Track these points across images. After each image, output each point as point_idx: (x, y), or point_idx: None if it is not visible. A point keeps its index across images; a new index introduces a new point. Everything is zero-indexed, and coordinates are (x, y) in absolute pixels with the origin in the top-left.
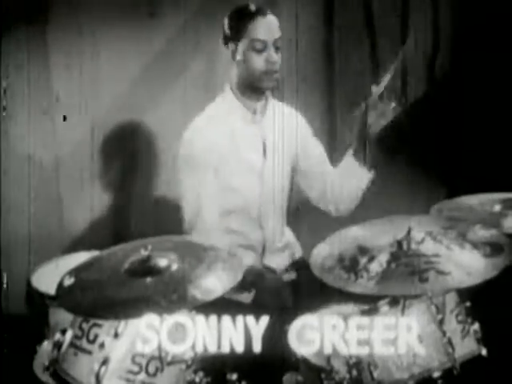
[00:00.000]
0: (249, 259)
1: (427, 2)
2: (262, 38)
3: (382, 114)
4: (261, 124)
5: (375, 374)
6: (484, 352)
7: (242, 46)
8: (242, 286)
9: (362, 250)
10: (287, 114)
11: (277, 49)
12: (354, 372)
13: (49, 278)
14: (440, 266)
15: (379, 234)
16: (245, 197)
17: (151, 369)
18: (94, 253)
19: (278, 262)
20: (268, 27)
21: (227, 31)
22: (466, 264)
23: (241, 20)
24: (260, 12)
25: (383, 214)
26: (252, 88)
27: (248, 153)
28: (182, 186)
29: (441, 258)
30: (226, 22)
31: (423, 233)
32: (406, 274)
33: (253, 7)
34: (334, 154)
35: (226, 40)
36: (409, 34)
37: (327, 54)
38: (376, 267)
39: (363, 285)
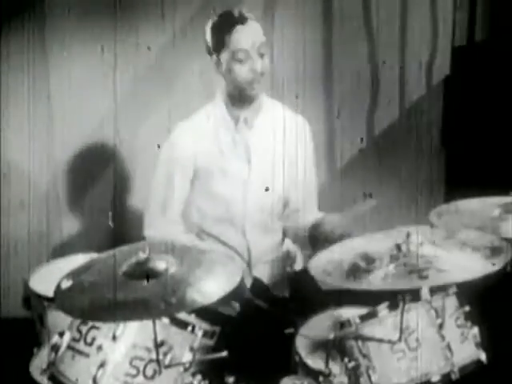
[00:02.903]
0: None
1: (426, 4)
2: (243, 47)
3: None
4: (248, 132)
5: (373, 378)
6: (483, 357)
7: (224, 56)
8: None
9: (363, 258)
10: (286, 118)
11: (261, 55)
12: (353, 376)
13: (46, 280)
14: (439, 265)
15: (379, 243)
16: (228, 205)
17: (149, 372)
18: (92, 255)
19: (269, 273)
20: (248, 35)
21: (209, 42)
22: (464, 263)
23: (220, 30)
24: (239, 20)
25: (381, 219)
26: (240, 97)
27: (231, 161)
28: (154, 182)
29: (440, 258)
30: (207, 31)
31: (422, 237)
32: (405, 272)
33: (234, 14)
34: (334, 155)
35: (209, 51)
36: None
37: (326, 54)
38: (376, 270)
39: (362, 283)
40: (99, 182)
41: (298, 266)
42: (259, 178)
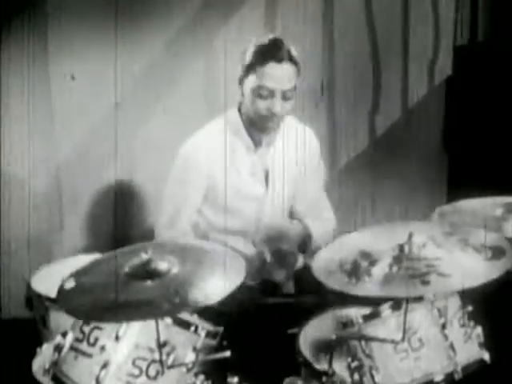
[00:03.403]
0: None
1: (428, 4)
2: (268, 85)
3: None
4: (265, 154)
5: (377, 378)
6: (486, 356)
7: (249, 82)
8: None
9: (364, 256)
10: (297, 133)
11: (286, 99)
12: (356, 376)
13: (49, 280)
14: (441, 269)
15: (380, 240)
16: (241, 220)
17: (152, 372)
18: (94, 256)
19: (278, 273)
20: (279, 76)
21: (246, 61)
22: (467, 266)
23: (256, 56)
24: (276, 57)
25: (382, 217)
26: (258, 124)
27: (247, 180)
28: (165, 193)
29: (442, 261)
30: (250, 51)
31: (425, 237)
32: (408, 277)
33: (276, 46)
34: (335, 158)
35: (242, 67)
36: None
37: (328, 54)
38: (378, 271)
39: (365, 287)
40: (100, 182)
41: (299, 263)
42: (276, 197)
